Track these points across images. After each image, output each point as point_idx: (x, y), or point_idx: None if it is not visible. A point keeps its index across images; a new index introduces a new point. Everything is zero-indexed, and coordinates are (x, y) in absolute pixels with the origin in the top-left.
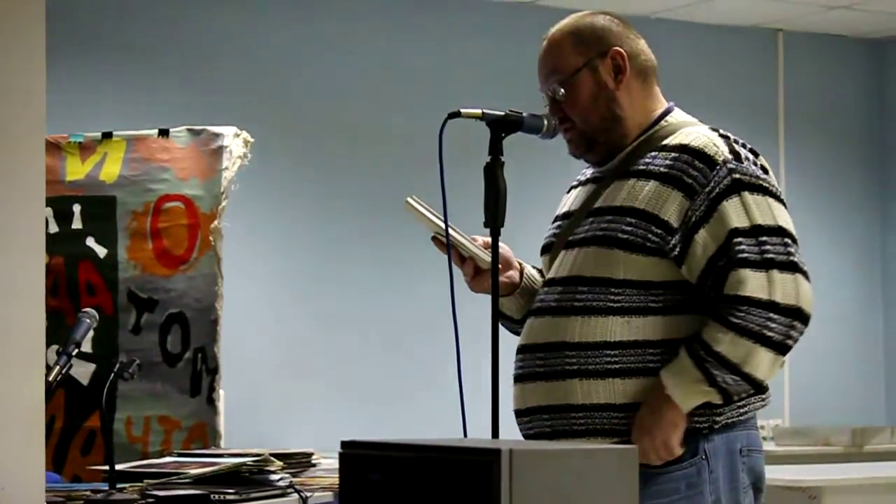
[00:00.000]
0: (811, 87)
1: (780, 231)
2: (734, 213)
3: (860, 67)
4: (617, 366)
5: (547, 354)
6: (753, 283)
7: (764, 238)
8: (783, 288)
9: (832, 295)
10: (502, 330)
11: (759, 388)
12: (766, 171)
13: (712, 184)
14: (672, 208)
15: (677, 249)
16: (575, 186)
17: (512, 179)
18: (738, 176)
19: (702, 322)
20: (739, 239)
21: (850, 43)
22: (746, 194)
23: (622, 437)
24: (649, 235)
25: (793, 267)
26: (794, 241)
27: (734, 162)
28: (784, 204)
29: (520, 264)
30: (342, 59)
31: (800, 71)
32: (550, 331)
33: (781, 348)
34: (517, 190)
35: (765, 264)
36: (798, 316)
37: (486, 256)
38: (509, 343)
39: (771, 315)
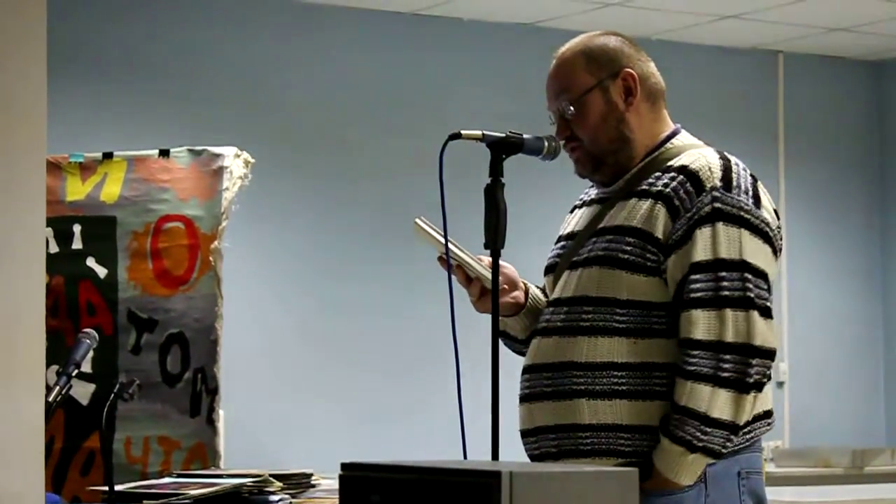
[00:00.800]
0: (811, 109)
1: (741, 265)
2: (701, 243)
3: (859, 89)
4: (624, 387)
5: (555, 374)
6: (703, 325)
7: (723, 273)
8: (735, 326)
9: (832, 316)
10: (502, 351)
11: (735, 430)
12: (758, 202)
13: (694, 209)
14: (660, 226)
15: (665, 270)
16: (578, 206)
17: (513, 200)
18: (718, 205)
19: None
20: (697, 276)
21: (849, 64)
22: (720, 225)
23: (627, 458)
24: (647, 255)
25: (747, 303)
26: (758, 274)
27: (721, 190)
28: (766, 237)
29: (525, 284)
30: (343, 80)
31: (800, 92)
32: (558, 351)
33: (741, 386)
34: (520, 210)
35: (717, 302)
36: (752, 352)
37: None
38: (509, 364)
39: (722, 356)
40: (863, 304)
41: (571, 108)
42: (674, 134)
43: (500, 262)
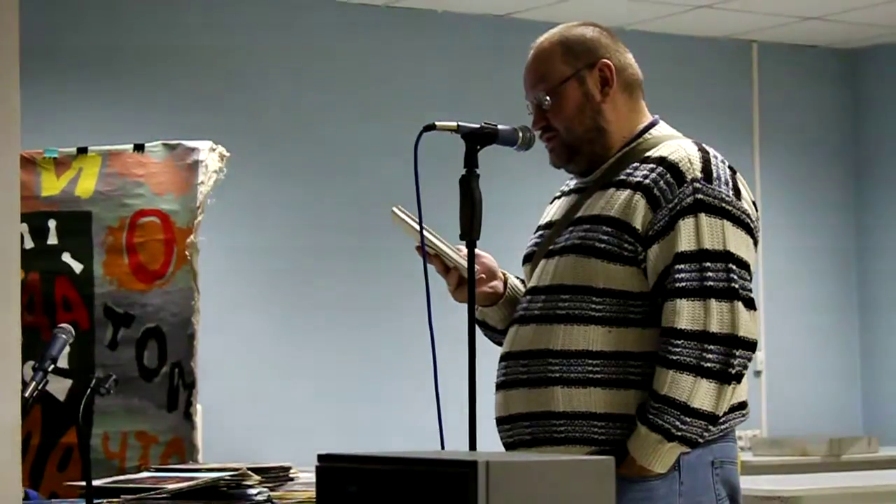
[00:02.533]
0: (785, 97)
1: (725, 256)
2: (685, 234)
3: (834, 77)
4: (598, 375)
5: (530, 361)
6: (688, 314)
7: (707, 264)
8: (719, 316)
9: (807, 304)
10: (479, 340)
11: (714, 420)
12: (738, 193)
13: (675, 200)
14: (639, 217)
15: (643, 260)
16: (558, 197)
17: (489, 191)
18: (700, 196)
19: None
20: (681, 266)
21: (823, 53)
22: (703, 216)
23: (601, 447)
24: (623, 244)
25: (731, 294)
26: (742, 265)
27: (702, 182)
28: (747, 228)
29: (504, 274)
30: (318, 72)
31: (774, 81)
32: (534, 338)
33: (723, 377)
34: (500, 200)
35: (702, 292)
36: (736, 343)
37: None
38: (487, 353)
39: (706, 346)
40: (838, 292)
41: (548, 98)
42: (652, 125)
43: (479, 252)
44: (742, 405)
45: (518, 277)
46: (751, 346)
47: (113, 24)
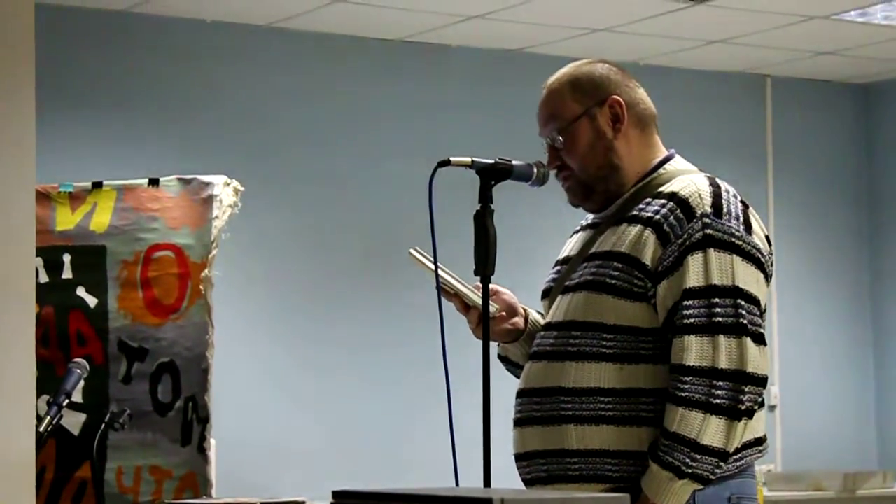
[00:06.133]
0: (799, 132)
1: (734, 292)
2: (694, 270)
3: (847, 112)
4: (610, 413)
5: (543, 399)
6: (696, 351)
7: (716, 300)
8: (728, 352)
9: (822, 339)
10: (496, 376)
11: (724, 457)
12: (749, 228)
13: (685, 236)
14: (649, 253)
15: (653, 296)
16: (577, 231)
17: (507, 227)
18: (710, 232)
19: None
20: (690, 302)
21: (836, 88)
22: (712, 251)
23: (615, 483)
24: (634, 280)
25: (740, 330)
26: (751, 301)
27: (711, 217)
28: (758, 262)
29: (525, 310)
30: (332, 107)
31: (788, 116)
32: (547, 375)
33: (733, 414)
34: (522, 232)
35: (710, 328)
36: (745, 379)
37: (490, 305)
38: (504, 389)
39: (714, 382)
40: (853, 326)
41: (560, 137)
42: (667, 159)
43: (499, 289)
44: (759, 441)
45: (539, 312)
46: (760, 381)
47: (129, 61)
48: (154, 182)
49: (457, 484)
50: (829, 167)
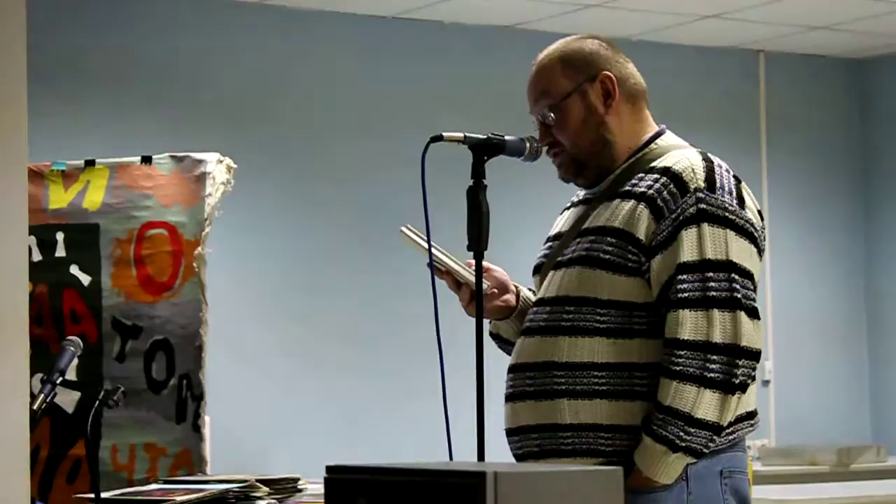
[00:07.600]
0: (793, 107)
1: (728, 266)
2: (688, 244)
3: (841, 87)
4: (604, 387)
5: (536, 374)
6: (690, 325)
7: (710, 274)
8: (722, 326)
9: (816, 313)
10: (488, 352)
11: (718, 430)
12: (742, 203)
13: (678, 210)
14: (643, 228)
15: (647, 271)
16: (568, 208)
17: (500, 202)
18: (703, 206)
19: None
20: (684, 276)
21: (830, 62)
22: (706, 226)
23: (608, 458)
24: (628, 255)
25: (734, 304)
26: (745, 275)
27: (705, 191)
28: (751, 237)
29: (516, 287)
30: (325, 83)
31: (781, 91)
32: (539, 350)
33: (727, 387)
34: (507, 212)
35: (705, 302)
36: (739, 353)
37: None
38: (497, 364)
39: (709, 356)
40: (847, 301)
41: (551, 114)
42: (658, 135)
43: (491, 266)
44: (751, 414)
45: (530, 289)
46: (754, 355)
47: (121, 38)
48: (147, 160)
49: (451, 459)
50: (823, 142)
